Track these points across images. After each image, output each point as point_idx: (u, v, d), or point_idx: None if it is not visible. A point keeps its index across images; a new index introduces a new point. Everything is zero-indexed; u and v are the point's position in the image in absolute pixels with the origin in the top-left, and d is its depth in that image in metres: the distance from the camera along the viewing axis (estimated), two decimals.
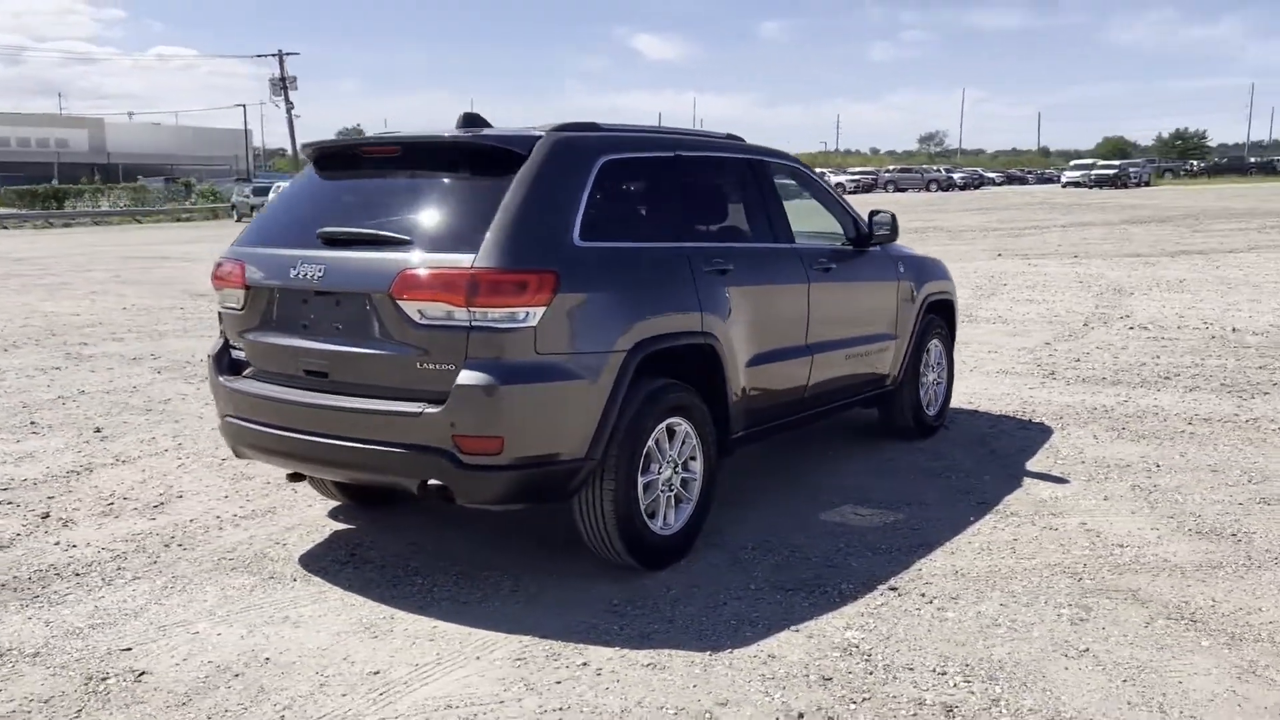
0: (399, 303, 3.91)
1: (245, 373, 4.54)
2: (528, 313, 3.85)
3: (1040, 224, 29.79)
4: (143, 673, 3.62)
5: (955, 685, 3.43)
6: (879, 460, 6.21)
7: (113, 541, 4.94)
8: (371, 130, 64.53)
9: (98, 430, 7.11)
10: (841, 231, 5.95)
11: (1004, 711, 3.26)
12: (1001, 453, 6.33)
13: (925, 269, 6.68)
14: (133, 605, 4.21)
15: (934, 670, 3.54)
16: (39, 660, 3.74)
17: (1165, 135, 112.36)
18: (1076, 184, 60.38)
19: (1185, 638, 3.76)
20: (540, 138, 4.20)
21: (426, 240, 4.02)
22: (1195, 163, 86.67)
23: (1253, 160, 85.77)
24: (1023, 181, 79.94)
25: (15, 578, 4.51)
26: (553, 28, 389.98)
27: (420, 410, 3.88)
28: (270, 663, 3.69)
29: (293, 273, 4.20)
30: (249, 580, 4.45)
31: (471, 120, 4.61)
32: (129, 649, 3.82)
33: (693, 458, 4.55)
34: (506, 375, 3.83)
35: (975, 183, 68.27)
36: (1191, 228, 27.09)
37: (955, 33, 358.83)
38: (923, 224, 30.50)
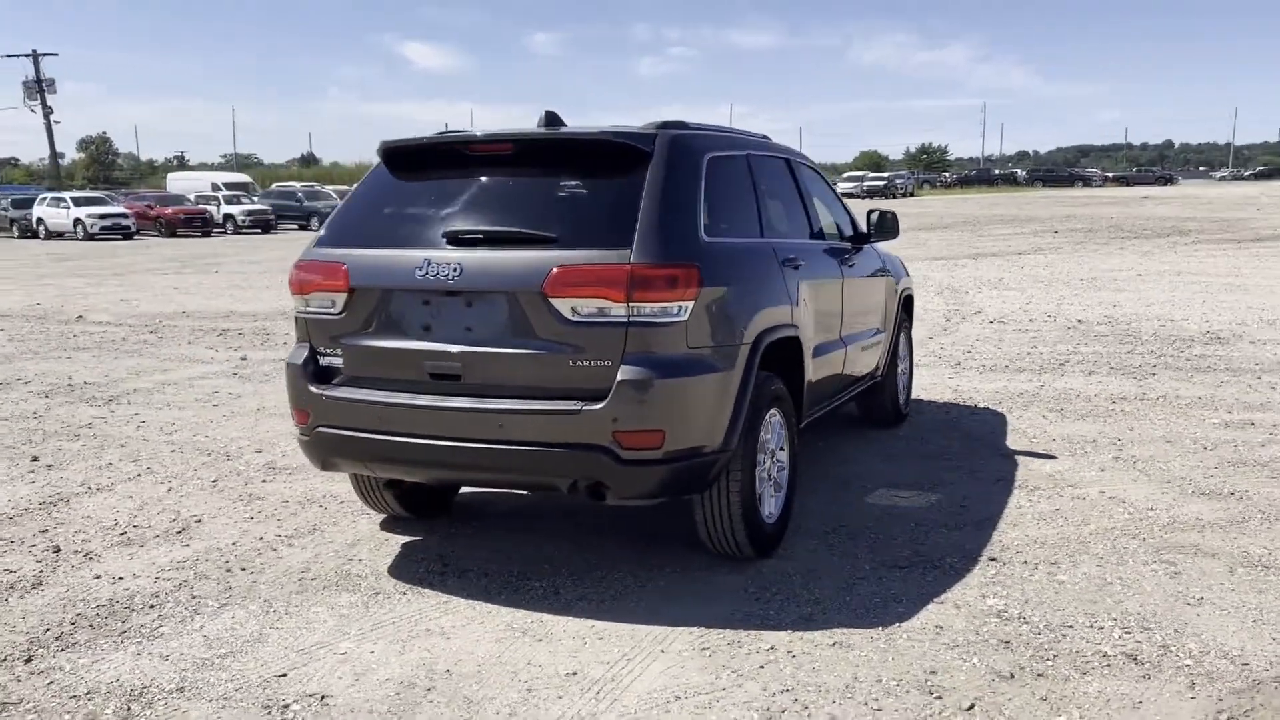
0: (551, 300, 3.87)
1: (336, 380, 4.33)
2: (680, 307, 3.89)
3: None
4: (324, 696, 3.44)
5: (1119, 637, 3.73)
6: (878, 448, 6.53)
7: (161, 571, 4.58)
8: (127, 137, 59.90)
9: (35, 459, 6.49)
10: (839, 229, 6.23)
11: (1179, 655, 3.58)
12: (976, 435, 6.78)
13: (898, 265, 7.09)
14: (247, 632, 3.95)
15: (1091, 626, 3.83)
16: (191, 695, 3.47)
17: (913, 150, 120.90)
18: (849, 195, 64.04)
19: (1271, 581, 4.22)
20: (657, 135, 4.23)
21: (570, 237, 3.98)
22: (948, 174, 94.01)
23: (996, 171, 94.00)
24: None
25: (81, 615, 4.13)
26: (314, 34, 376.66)
27: (579, 408, 3.85)
28: (452, 674, 3.57)
29: (419, 273, 4.05)
30: (354, 598, 4.25)
31: (552, 119, 4.57)
32: (284, 675, 3.60)
33: (782, 447, 4.69)
34: (665, 369, 3.86)
35: None
36: (974, 232, 29.40)
37: (717, 50, 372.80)
38: None
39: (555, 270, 3.86)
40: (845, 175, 72.54)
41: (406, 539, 4.93)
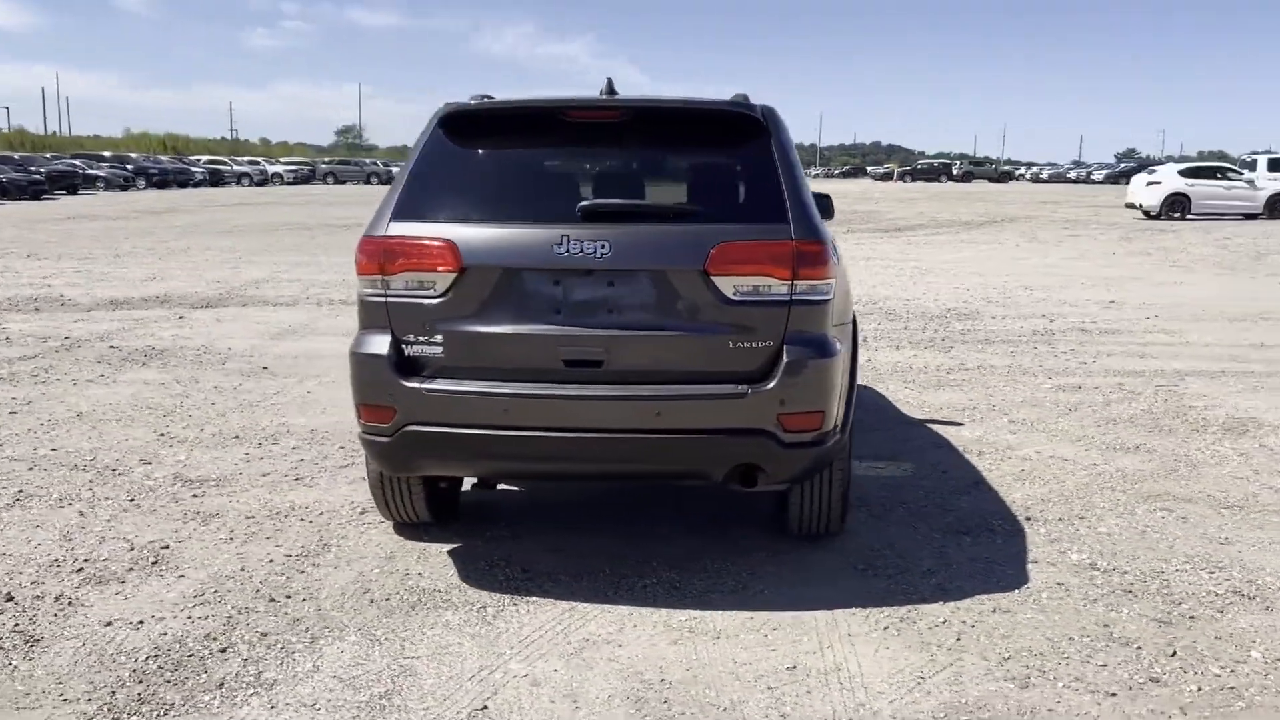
0: (713, 278, 3.67)
1: (428, 372, 3.83)
2: (829, 284, 3.84)
3: None
4: None
5: (1211, 577, 4.16)
6: None
7: (186, 609, 3.86)
8: None
9: None
10: None
11: (1268, 586, 4.05)
12: (871, 405, 7.17)
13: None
14: (381, 665, 3.43)
15: (1178, 570, 4.23)
16: None
17: None
18: None
19: (1256, 517, 4.86)
20: (760, 105, 4.11)
21: (715, 212, 3.79)
22: None
23: None
24: None
25: (139, 672, 3.40)
26: None
27: (746, 390, 3.69)
28: (669, 682, 3.33)
29: (559, 250, 3.68)
30: (461, 614, 3.81)
31: (607, 84, 4.32)
32: (484, 708, 3.18)
33: None
34: (821, 349, 3.79)
35: None
36: None
37: (337, 26, 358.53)
38: None
39: (718, 247, 3.65)
40: None
41: (443, 546, 4.46)
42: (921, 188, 63.83)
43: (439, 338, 3.77)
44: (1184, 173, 30.08)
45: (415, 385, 3.76)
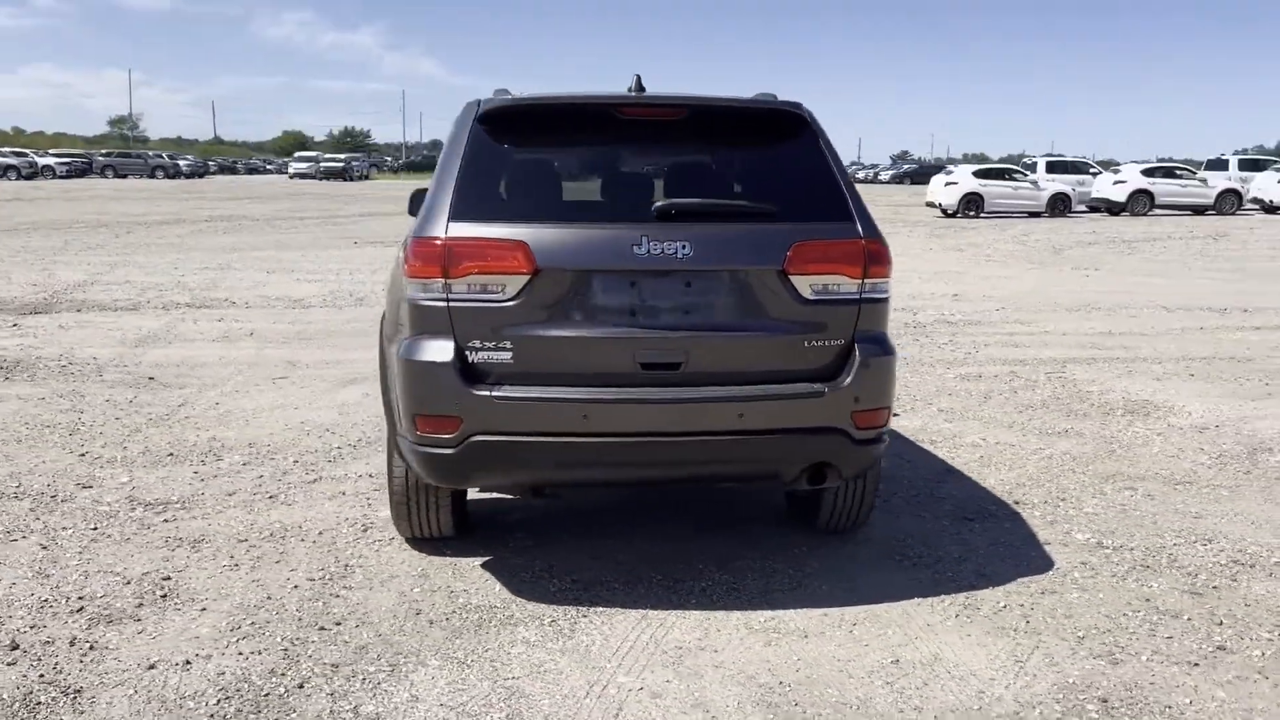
0: (790, 278, 3.68)
1: (494, 379, 3.67)
2: (890, 283, 3.93)
3: (346, 215, 30.54)
4: None
5: (1206, 549, 4.49)
6: None
7: (225, 644, 3.55)
8: None
9: None
10: None
11: (1260, 556, 4.42)
12: None
13: None
14: (485, 688, 3.28)
15: (1175, 545, 4.54)
16: None
17: (336, 133, 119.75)
18: (304, 175, 61.75)
19: (1208, 492, 5.28)
20: (798, 103, 4.15)
21: (784, 211, 3.79)
22: (392, 159, 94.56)
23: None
24: (259, 171, 79.84)
25: (221, 715, 3.11)
26: None
27: (823, 389, 3.72)
28: (786, 684, 3.33)
29: (638, 250, 3.59)
30: (534, 631, 3.68)
31: (635, 80, 4.27)
32: None
33: None
34: (885, 346, 3.87)
35: (200, 170, 66.28)
36: None
37: (97, 7, 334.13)
38: (232, 211, 29.25)
39: (795, 246, 3.67)
40: (297, 156, 69.74)
41: (471, 560, 4.29)
42: None
43: (508, 343, 3.61)
44: (978, 174, 32.28)
45: (485, 393, 3.58)
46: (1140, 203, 31.92)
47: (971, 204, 31.18)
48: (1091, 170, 35.18)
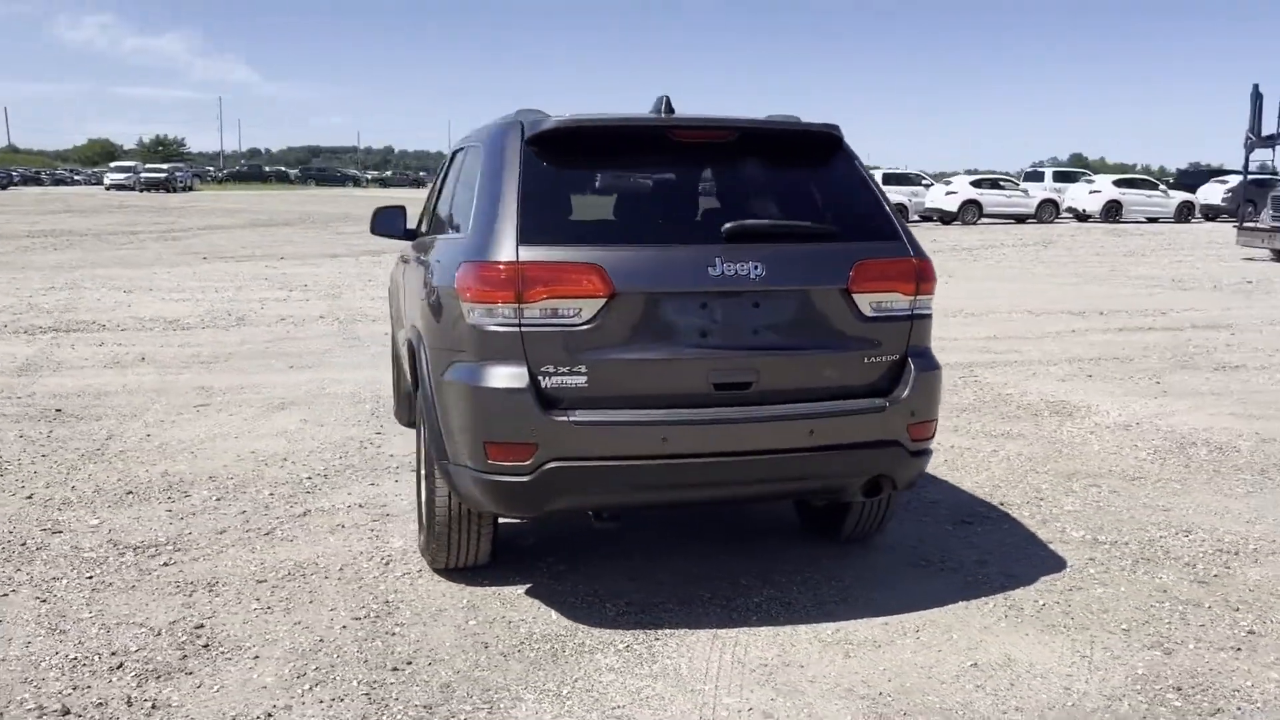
0: (854, 296, 3.78)
1: (569, 404, 3.63)
2: (932, 299, 4.08)
3: (183, 229, 29.11)
4: None
5: (1190, 540, 4.82)
6: None
7: (300, 690, 3.39)
8: None
9: None
10: None
11: (1241, 543, 4.79)
12: None
13: None
14: (614, 703, 3.25)
15: (1161, 536, 4.86)
16: None
17: (147, 141, 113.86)
18: (122, 186, 58.26)
19: (1164, 486, 5.69)
20: (835, 125, 4.25)
21: (839, 231, 3.90)
22: (214, 169, 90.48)
23: (268, 169, 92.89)
24: (66, 182, 74.97)
25: None
26: None
27: (884, 404, 3.84)
28: (885, 694, 3.41)
29: (713, 271, 3.62)
30: (614, 659, 3.64)
31: (663, 101, 4.30)
32: None
33: None
34: (932, 360, 4.02)
35: (4, 182, 61.75)
36: (328, 230, 29.36)
37: None
38: (54, 226, 27.39)
39: (857, 265, 3.77)
40: (114, 166, 65.66)
41: (514, 588, 4.21)
42: None
43: (582, 367, 3.57)
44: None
45: (563, 418, 3.53)
46: (970, 212, 33.83)
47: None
48: (924, 182, 37.07)
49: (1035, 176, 40.06)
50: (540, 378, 3.56)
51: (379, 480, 5.65)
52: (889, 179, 35.47)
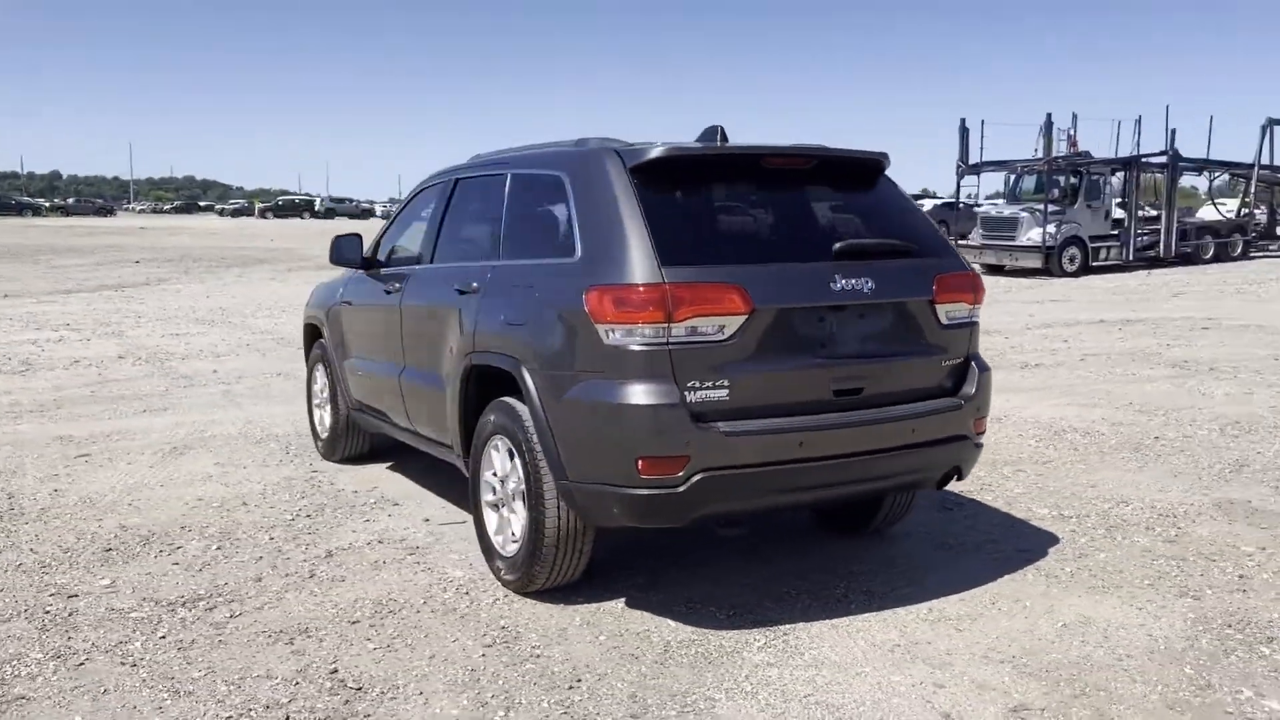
0: (936, 306, 4.23)
1: (715, 415, 3.82)
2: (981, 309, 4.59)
3: None
4: (1018, 707, 3.51)
5: (1134, 507, 5.63)
6: None
7: (503, 716, 3.43)
8: None
9: None
10: None
11: (1177, 507, 5.65)
12: None
13: None
14: (797, 713, 3.50)
15: (1112, 506, 5.65)
16: None
17: None
18: None
19: (1089, 460, 6.55)
20: (885, 153, 4.67)
21: (919, 248, 4.32)
22: None
23: None
24: None
25: None
26: None
27: (960, 402, 4.31)
28: (1018, 657, 3.86)
29: (834, 286, 3.94)
30: (770, 655, 3.85)
31: (718, 131, 4.63)
32: (948, 716, 3.48)
33: None
34: (984, 362, 4.52)
35: None
36: (44, 265, 26.86)
37: None
38: None
39: (938, 278, 4.22)
40: None
41: (612, 603, 4.31)
42: (282, 225, 62.94)
43: (725, 380, 3.78)
44: None
45: (712, 429, 3.73)
46: None
47: None
48: None
49: None
50: (687, 393, 3.73)
51: (370, 515, 5.51)
52: None
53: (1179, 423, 7.66)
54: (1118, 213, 24.85)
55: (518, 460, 4.22)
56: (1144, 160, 24.74)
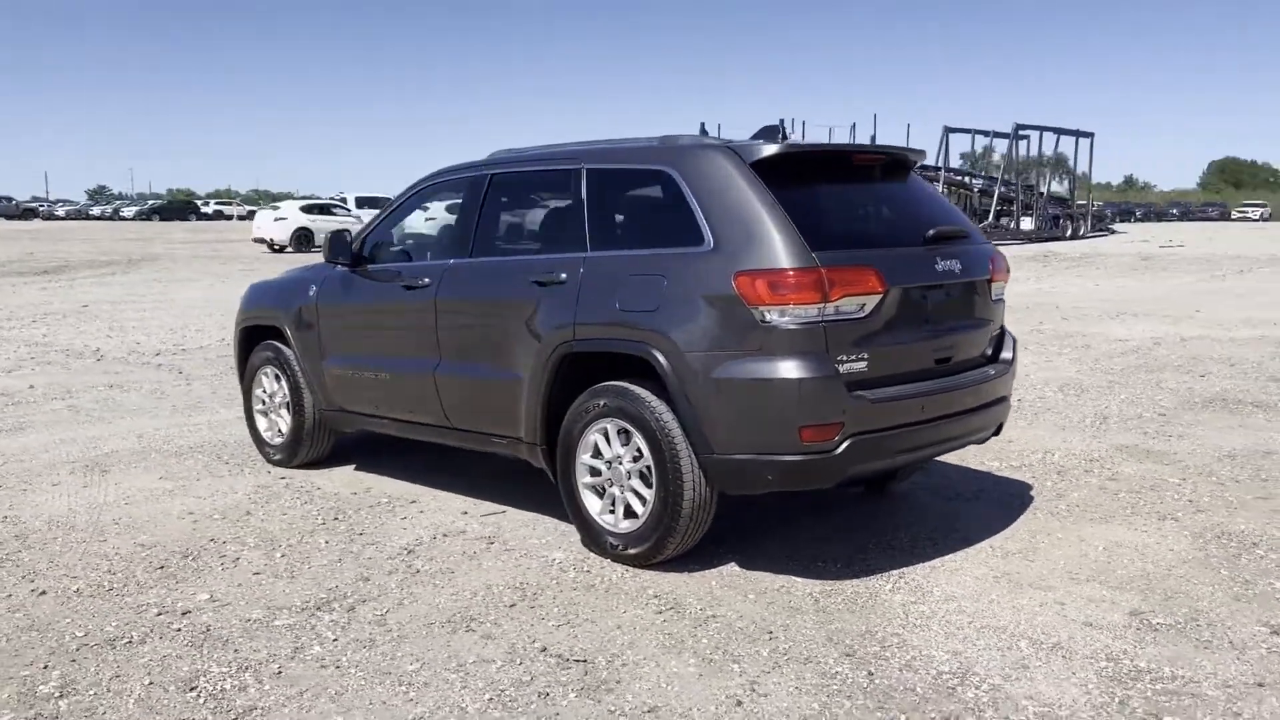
0: (991, 284, 4.91)
1: (860, 384, 4.26)
2: None
3: None
4: (1134, 612, 4.23)
5: (1063, 454, 6.64)
6: None
7: (783, 666, 3.77)
8: None
9: None
10: None
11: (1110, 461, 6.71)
12: None
13: None
14: (983, 636, 4.05)
15: (1045, 454, 6.64)
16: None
17: None
18: None
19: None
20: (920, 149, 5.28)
21: (973, 232, 4.97)
22: None
23: None
24: None
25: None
26: None
27: (1006, 367, 5.01)
28: (1106, 574, 4.61)
29: (938, 267, 4.51)
30: (908, 595, 4.30)
31: (780, 129, 5.11)
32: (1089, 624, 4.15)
33: None
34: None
35: None
36: None
37: None
38: None
39: (991, 259, 4.90)
40: None
41: (727, 570, 4.63)
42: (141, 228, 55.62)
43: (864, 353, 4.23)
44: (305, 209, 32.79)
45: (864, 397, 4.20)
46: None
47: (304, 239, 31.64)
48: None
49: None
50: (837, 365, 4.16)
51: (399, 514, 5.47)
52: (361, 202, 35.63)
53: (1026, 386, 8.85)
54: None
55: (639, 440, 4.45)
56: None
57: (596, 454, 4.68)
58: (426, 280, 5.41)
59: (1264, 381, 9.25)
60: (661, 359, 4.32)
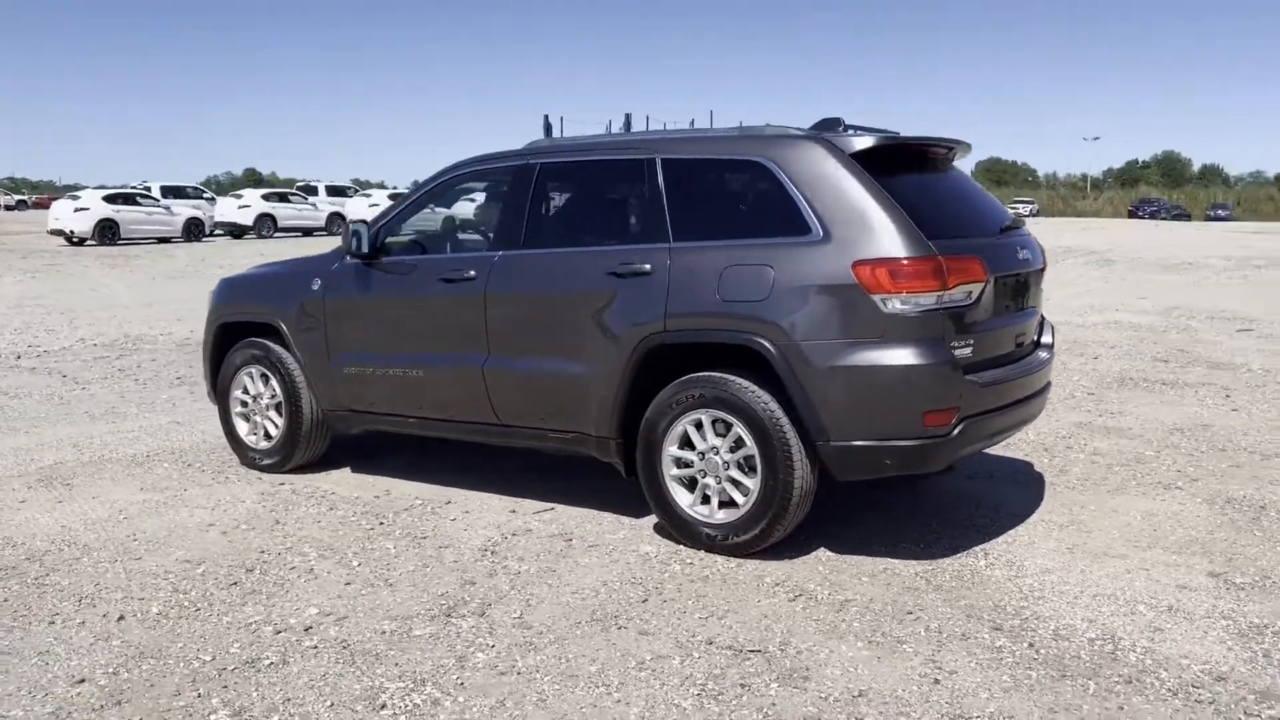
0: (1042, 273, 5.20)
1: (965, 370, 4.41)
2: None
3: None
4: (1212, 572, 4.61)
5: (1047, 432, 7.09)
6: None
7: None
8: None
9: None
10: None
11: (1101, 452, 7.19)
12: None
13: None
14: (1083, 599, 4.31)
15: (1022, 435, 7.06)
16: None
17: None
18: None
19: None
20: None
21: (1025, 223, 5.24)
22: None
23: None
24: None
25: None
26: None
27: (1052, 351, 5.32)
28: (1171, 540, 4.98)
29: (1019, 256, 4.74)
30: (1005, 572, 4.56)
31: (840, 120, 5.22)
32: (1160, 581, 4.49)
33: None
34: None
35: None
36: None
37: None
38: None
39: (1043, 251, 5.19)
40: None
41: (826, 556, 4.75)
42: None
43: (971, 339, 4.40)
44: (108, 199, 30.69)
45: (975, 381, 4.38)
46: (265, 226, 33.85)
47: (108, 230, 29.70)
48: (206, 195, 36.18)
49: (312, 191, 40.78)
50: (952, 351, 4.33)
51: (445, 515, 5.30)
52: (174, 191, 33.90)
53: None
54: None
55: (740, 429, 4.47)
56: None
57: (685, 446, 4.65)
58: (473, 273, 5.21)
59: (1151, 362, 10.08)
60: (772, 348, 4.34)
